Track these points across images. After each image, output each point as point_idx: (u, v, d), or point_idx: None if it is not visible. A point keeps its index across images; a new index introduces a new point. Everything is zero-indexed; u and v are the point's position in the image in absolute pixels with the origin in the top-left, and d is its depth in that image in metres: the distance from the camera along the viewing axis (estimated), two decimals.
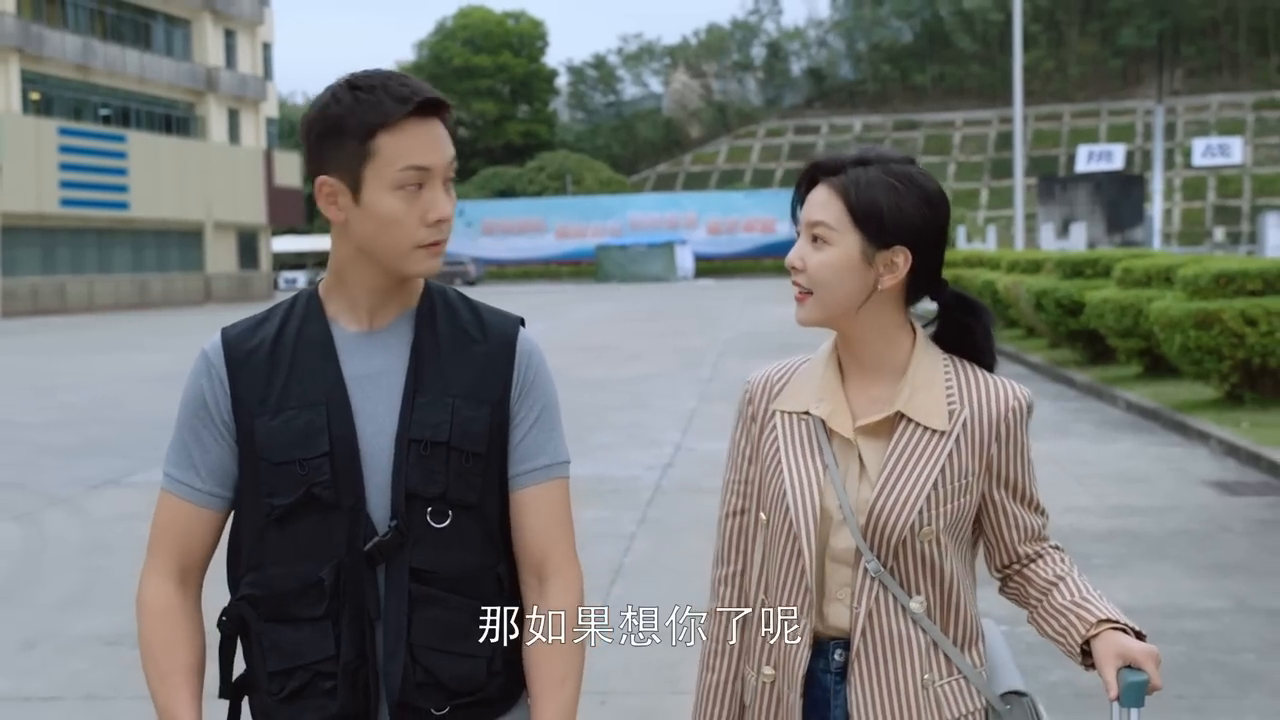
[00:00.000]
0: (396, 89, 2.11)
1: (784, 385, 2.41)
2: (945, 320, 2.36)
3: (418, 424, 2.15)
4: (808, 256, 2.29)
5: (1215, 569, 7.83)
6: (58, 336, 36.01)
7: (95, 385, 20.96)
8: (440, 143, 2.15)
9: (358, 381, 2.19)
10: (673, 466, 11.81)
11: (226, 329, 2.28)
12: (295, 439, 2.14)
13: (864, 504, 2.26)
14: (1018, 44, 41.89)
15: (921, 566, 2.26)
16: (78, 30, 56.66)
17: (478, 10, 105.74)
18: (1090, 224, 53.99)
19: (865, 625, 2.25)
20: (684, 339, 27.92)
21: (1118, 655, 2.18)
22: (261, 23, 68.88)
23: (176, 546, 2.24)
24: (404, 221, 2.12)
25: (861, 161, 2.28)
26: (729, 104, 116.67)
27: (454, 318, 2.27)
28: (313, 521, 2.14)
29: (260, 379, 2.19)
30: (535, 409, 2.27)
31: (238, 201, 63.54)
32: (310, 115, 2.16)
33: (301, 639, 2.14)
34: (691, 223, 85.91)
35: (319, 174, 2.15)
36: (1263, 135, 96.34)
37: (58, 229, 53.51)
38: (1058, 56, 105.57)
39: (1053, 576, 2.33)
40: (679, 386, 18.51)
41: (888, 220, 2.23)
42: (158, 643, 2.21)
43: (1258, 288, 13.52)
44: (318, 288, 2.28)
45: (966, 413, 2.28)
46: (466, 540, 2.18)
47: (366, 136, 2.09)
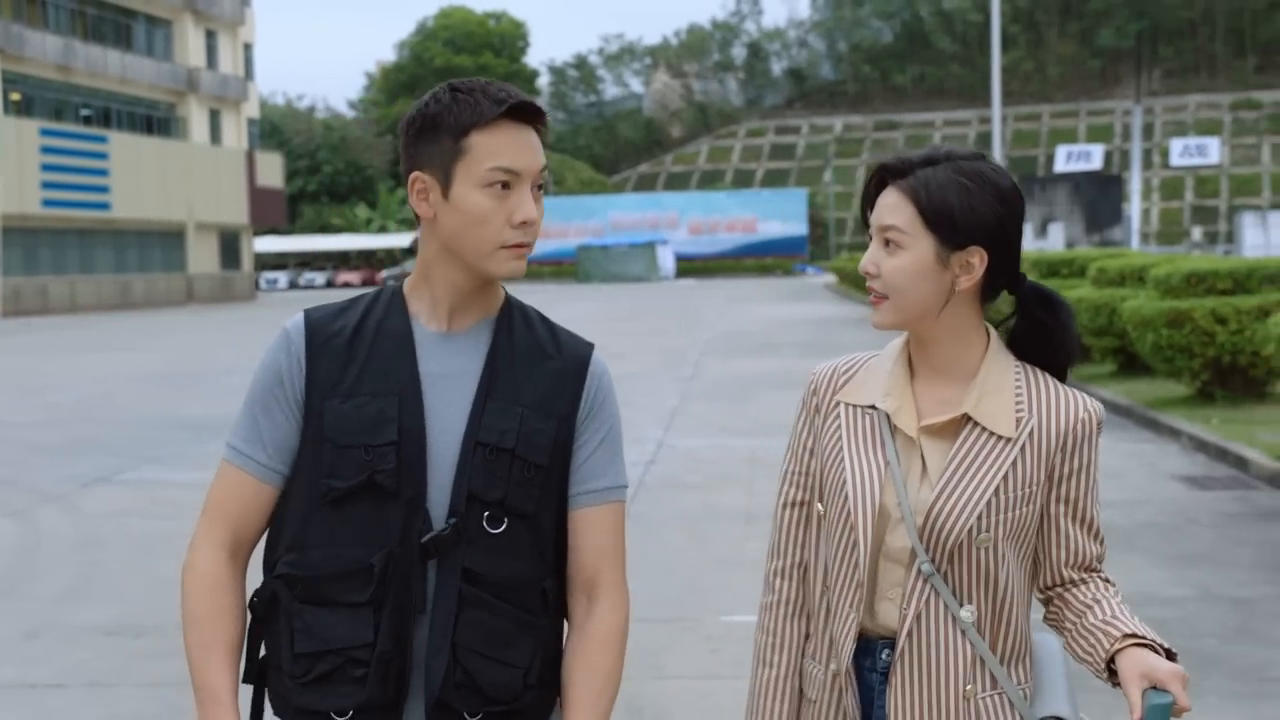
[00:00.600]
0: (494, 92, 2.18)
1: (850, 378, 2.39)
2: (1024, 317, 2.32)
3: (486, 428, 2.18)
4: (881, 261, 2.25)
5: (1181, 559, 8.08)
6: (41, 337, 36.08)
7: (82, 385, 21.09)
8: (532, 149, 2.19)
9: (432, 380, 2.22)
10: (655, 463, 12.03)
11: (311, 311, 2.31)
12: (365, 425, 2.17)
13: (923, 504, 2.24)
14: (995, 45, 42.22)
15: (975, 574, 2.24)
16: (59, 31, 56.63)
17: (459, 10, 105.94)
18: (1069, 224, 54.38)
19: (913, 627, 2.23)
20: (666, 338, 28.17)
21: (1143, 675, 2.10)
22: (243, 23, 68.90)
23: (233, 519, 2.25)
24: (490, 219, 2.16)
25: (930, 161, 2.25)
26: (710, 104, 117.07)
27: (531, 332, 2.30)
28: (369, 508, 2.16)
29: (337, 363, 2.23)
30: (601, 431, 2.30)
31: (220, 202, 63.59)
32: (410, 114, 2.23)
33: (337, 623, 2.14)
34: (673, 223, 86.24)
35: (413, 170, 2.20)
36: (1240, 135, 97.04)
37: (39, 229, 53.51)
38: (1037, 57, 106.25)
39: (1090, 600, 2.27)
40: (661, 385, 18.74)
41: (960, 221, 2.21)
42: (204, 612, 2.21)
43: (1228, 287, 13.83)
44: (403, 284, 2.32)
45: (1034, 421, 2.25)
46: (519, 549, 2.20)
47: (461, 134, 2.15)
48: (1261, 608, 7.00)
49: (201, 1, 64.66)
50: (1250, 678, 5.90)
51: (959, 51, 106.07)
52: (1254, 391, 13.83)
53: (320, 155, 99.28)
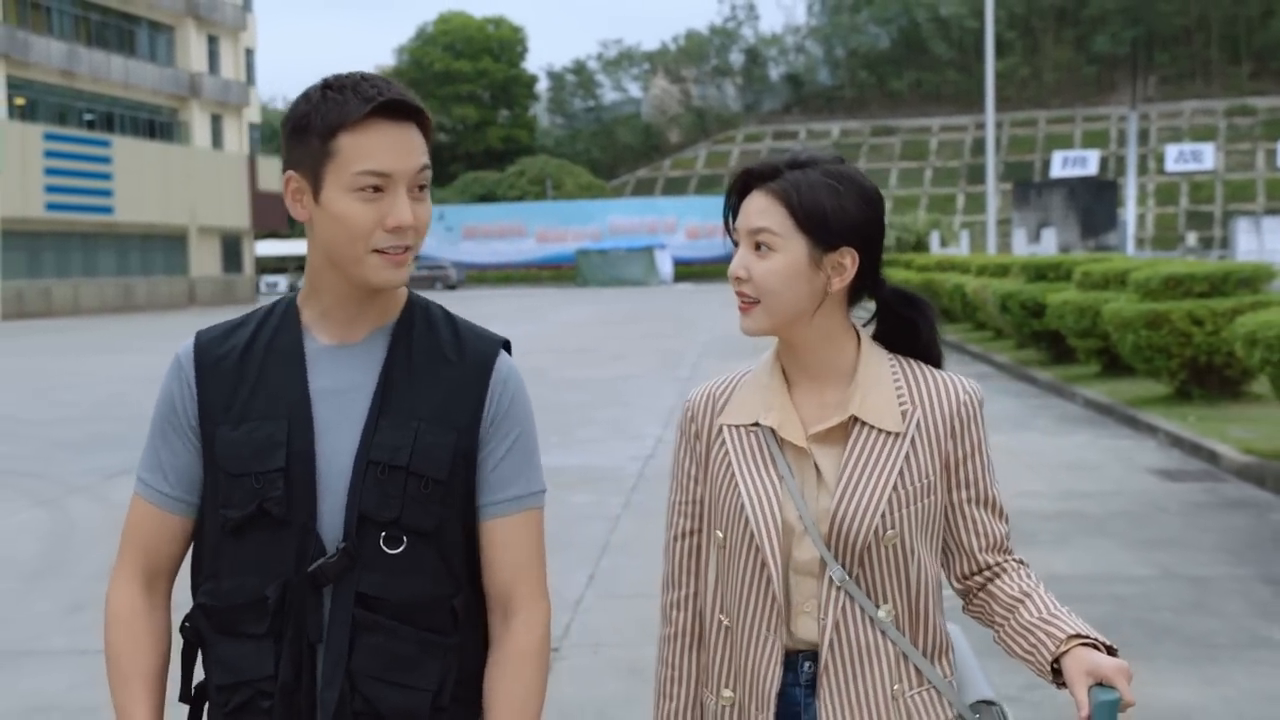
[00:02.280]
0: (365, 89, 2.06)
1: (728, 399, 2.36)
2: (888, 318, 2.33)
3: (378, 446, 2.09)
4: (752, 265, 2.23)
5: (1147, 543, 8.62)
6: (47, 339, 36.60)
7: (93, 385, 21.62)
8: (406, 148, 2.08)
9: (323, 396, 2.13)
10: (654, 457, 12.55)
11: (201, 332, 2.24)
12: (253, 452, 2.09)
13: (825, 513, 2.22)
14: (989, 51, 42.77)
15: (888, 573, 2.22)
16: (63, 36, 57.22)
17: (458, 16, 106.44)
18: (1064, 229, 54.83)
19: (833, 637, 2.21)
20: (663, 341, 28.68)
21: (1088, 672, 2.09)
22: (244, 29, 69.47)
23: (143, 550, 2.21)
24: (360, 224, 2.06)
25: (797, 164, 2.24)
26: (708, 109, 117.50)
27: (432, 336, 2.20)
28: (264, 537, 2.09)
29: (227, 386, 2.15)
30: (509, 438, 2.20)
31: (221, 206, 64.17)
32: (287, 113, 2.14)
33: (245, 654, 2.10)
34: (671, 227, 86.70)
35: (286, 169, 2.12)
36: (1234, 141, 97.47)
37: (43, 233, 54.03)
38: (1033, 63, 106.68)
39: (1018, 593, 2.26)
40: (659, 385, 19.25)
41: (833, 221, 2.20)
42: (120, 647, 2.19)
43: (1204, 290, 14.39)
44: (297, 296, 2.23)
45: (919, 412, 2.25)
46: (421, 568, 2.11)
47: (328, 135, 2.05)
48: (1215, 585, 7.54)
49: (203, 7, 65.26)
50: (1198, 644, 6.44)
51: (955, 57, 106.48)
52: (1229, 390, 14.37)
53: None
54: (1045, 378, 18.32)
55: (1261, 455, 10.90)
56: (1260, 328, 10.67)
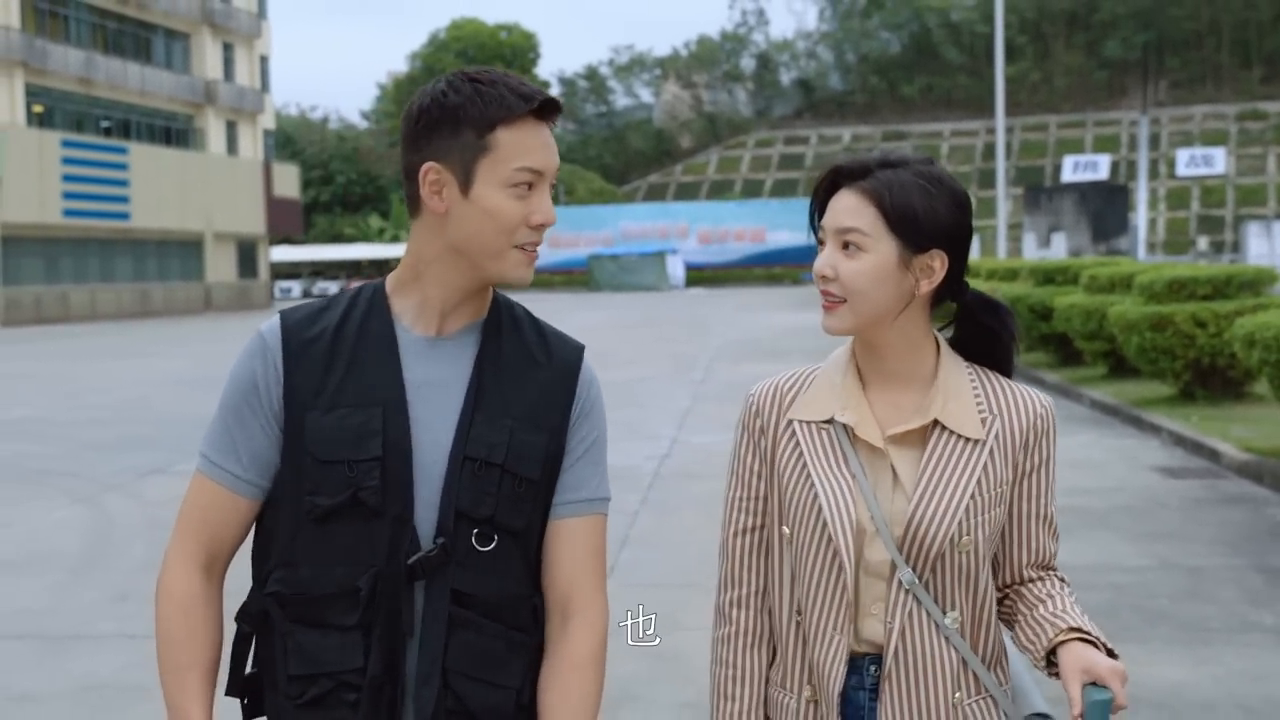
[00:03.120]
0: (517, 86, 2.08)
1: (797, 394, 2.33)
2: (968, 324, 2.31)
3: (475, 442, 2.09)
4: (839, 264, 2.21)
5: (1147, 536, 8.95)
6: (67, 344, 37.03)
7: (118, 389, 22.01)
8: (552, 148, 2.12)
9: (418, 388, 2.11)
10: (670, 457, 12.90)
11: (286, 313, 2.19)
12: (347, 438, 2.06)
13: (900, 515, 2.20)
14: (999, 57, 43.06)
15: (958, 580, 2.21)
16: (80, 44, 57.73)
17: (470, 22, 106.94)
18: (1075, 233, 55.05)
19: (899, 641, 2.19)
20: (676, 345, 29.02)
21: (1083, 670, 2.09)
22: (259, 36, 69.94)
23: (208, 533, 2.16)
24: (511, 219, 2.07)
25: (888, 164, 2.21)
26: (719, 115, 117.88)
27: (520, 336, 2.21)
28: (354, 526, 2.06)
29: (317, 370, 2.11)
30: (587, 440, 2.22)
31: (237, 212, 64.65)
32: (421, 103, 2.10)
33: (329, 646, 2.07)
34: (683, 232, 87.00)
35: (424, 161, 2.09)
36: (1246, 146, 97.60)
37: (60, 239, 54.52)
38: (1044, 68, 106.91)
39: (1044, 594, 2.27)
40: (673, 388, 19.58)
41: (924, 223, 2.17)
42: (178, 633, 2.13)
43: (1207, 293, 14.72)
44: (384, 282, 2.20)
45: (998, 422, 2.23)
46: (508, 567, 2.12)
47: (486, 129, 2.05)
48: (1210, 575, 7.87)
49: (219, 15, 65.76)
50: (1192, 629, 6.78)
51: (966, 62, 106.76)
52: (1232, 391, 14.69)
53: (333, 165, 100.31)
54: (1053, 379, 18.64)
55: (1261, 453, 11.22)
56: (1259, 329, 10.99)
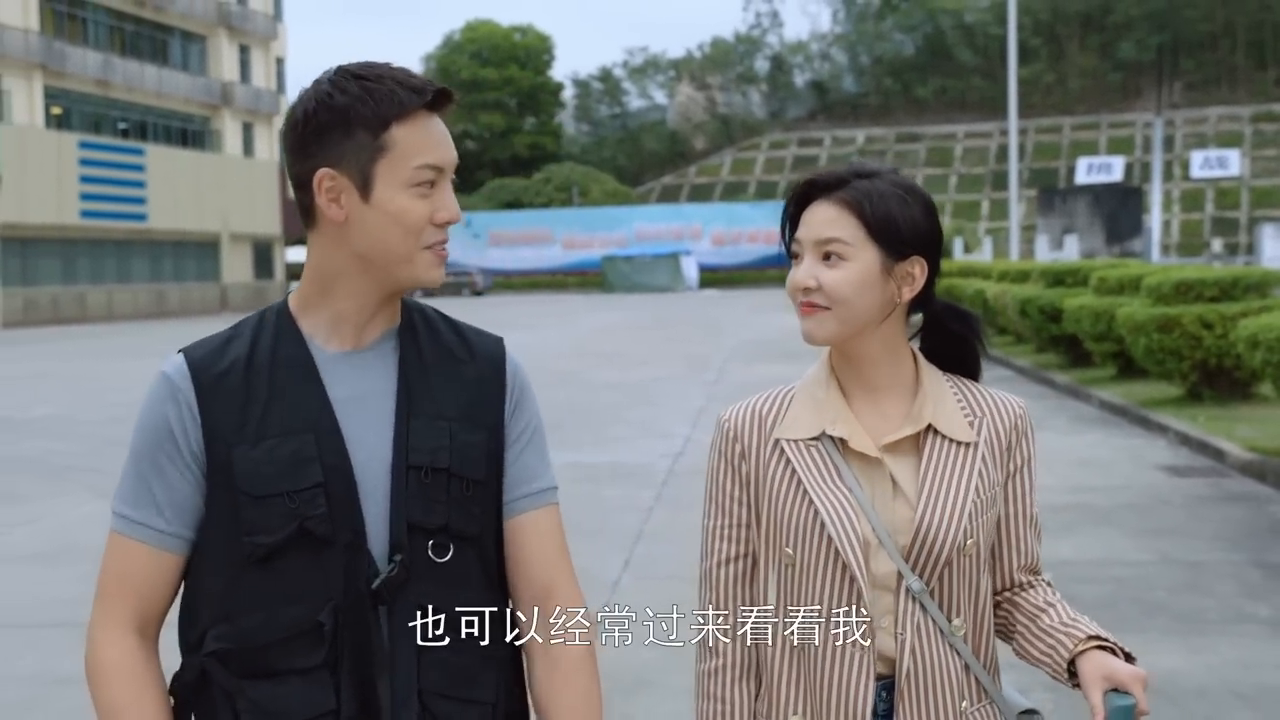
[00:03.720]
0: (406, 79, 1.97)
1: (780, 414, 2.30)
2: (936, 333, 2.33)
3: (415, 449, 1.99)
4: (821, 275, 2.21)
5: (1150, 532, 9.16)
6: (84, 344, 37.38)
7: (138, 387, 22.02)
8: (449, 141, 2.02)
9: (344, 405, 2.00)
10: (684, 455, 13.12)
11: (189, 349, 2.06)
12: (282, 469, 1.94)
13: (903, 523, 2.18)
14: (1012, 59, 43.24)
15: (962, 585, 2.21)
16: (98, 46, 58.16)
17: (485, 24, 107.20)
18: (1089, 235, 55.20)
19: (910, 652, 2.18)
20: (690, 346, 29.23)
21: (1104, 677, 2.08)
22: (275, 38, 70.33)
23: (136, 596, 1.99)
24: (417, 221, 1.97)
25: (862, 174, 2.22)
26: (733, 116, 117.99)
27: (436, 337, 2.12)
28: (303, 560, 1.94)
29: (235, 404, 1.98)
30: (527, 431, 2.14)
31: (253, 213, 65.04)
32: (306, 106, 1.97)
33: (289, 694, 1.93)
34: (696, 234, 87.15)
35: (317, 169, 1.96)
36: (1260, 147, 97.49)
37: (78, 240, 54.92)
38: (1058, 70, 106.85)
39: (1042, 603, 2.26)
40: (687, 388, 19.81)
41: (905, 231, 2.18)
42: (123, 702, 1.96)
43: (1214, 295, 14.92)
44: (286, 303, 2.10)
45: (984, 425, 2.25)
46: (468, 576, 2.03)
47: (380, 128, 1.93)
48: (1209, 569, 8.09)
49: (235, 17, 66.15)
50: (1188, 619, 7.00)
51: (980, 64, 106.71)
52: (1239, 392, 14.88)
53: None
54: (1063, 380, 18.84)
55: (1264, 453, 11.41)
56: (1262, 330, 11.19)
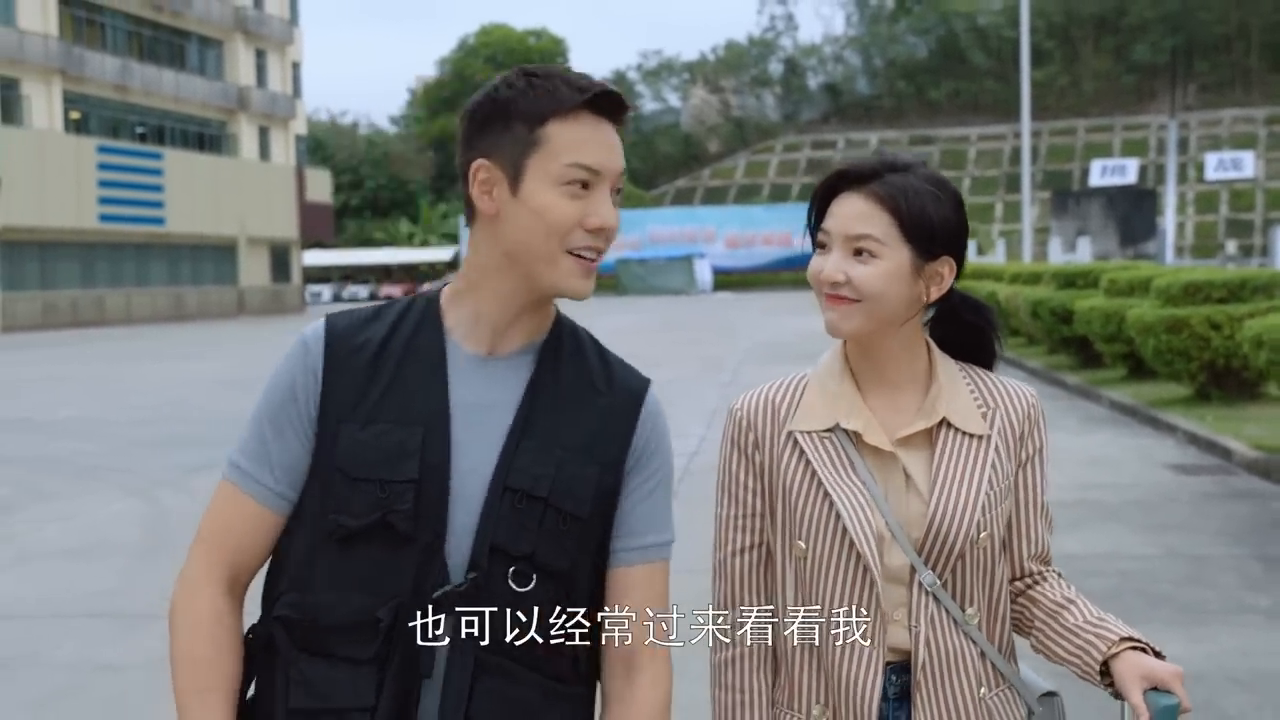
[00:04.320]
0: (575, 79, 1.95)
1: (793, 405, 2.27)
2: (952, 322, 2.30)
3: (518, 471, 1.93)
4: (850, 270, 2.15)
5: (1156, 528, 9.36)
6: (104, 347, 37.74)
7: (159, 390, 22.59)
8: (614, 147, 1.97)
9: (463, 410, 1.97)
10: (699, 454, 13.33)
11: (333, 318, 2.06)
12: (382, 456, 1.92)
13: (916, 517, 2.17)
14: (1025, 61, 43.40)
15: (976, 576, 2.20)
16: (116, 51, 58.64)
17: (500, 28, 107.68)
18: (1103, 237, 55.24)
19: (925, 644, 2.17)
20: (704, 348, 29.46)
21: (1143, 677, 2.07)
22: (291, 42, 70.77)
23: (234, 548, 2.01)
24: (562, 220, 1.92)
25: (894, 167, 2.16)
26: (747, 119, 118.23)
27: (581, 361, 2.06)
28: (379, 551, 1.91)
29: (358, 381, 1.97)
30: (653, 479, 2.08)
31: (270, 217, 65.46)
32: (476, 99, 1.99)
33: (338, 679, 1.90)
34: (710, 237, 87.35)
35: (476, 159, 1.96)
36: (1275, 149, 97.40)
37: (97, 244, 55.39)
38: (1072, 72, 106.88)
39: (1061, 599, 2.25)
40: (701, 389, 20.04)
41: (938, 231, 2.15)
42: (202, 653, 1.96)
43: (1222, 296, 15.12)
44: (440, 292, 2.07)
45: (997, 415, 2.24)
46: (547, 611, 1.96)
47: (536, 123, 1.92)
48: (1212, 563, 8.29)
49: (252, 22, 66.60)
50: (1191, 610, 7.21)
51: (994, 67, 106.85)
52: (1246, 392, 15.07)
53: (363, 170, 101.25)
54: (1074, 381, 19.02)
55: (1270, 451, 11.60)
56: (1267, 330, 11.39)
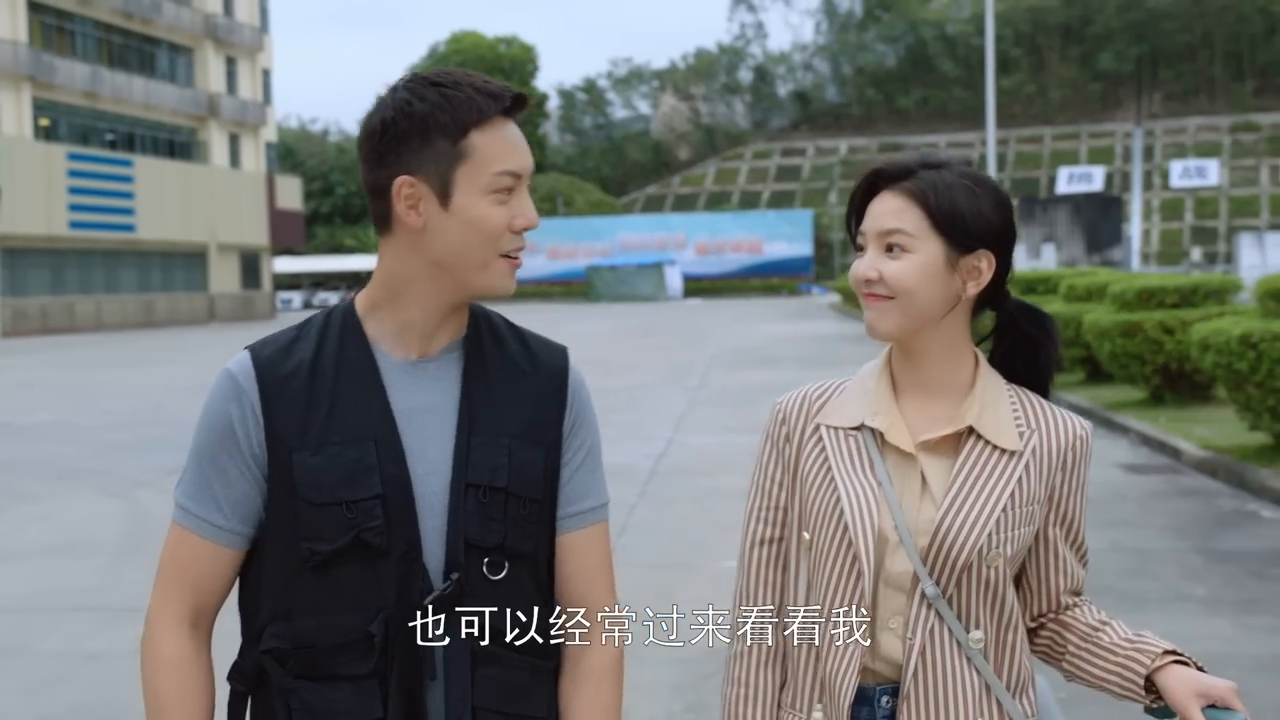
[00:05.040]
0: (483, 85, 1.97)
1: (827, 401, 2.26)
2: (1009, 334, 2.25)
3: (475, 467, 1.99)
4: (884, 266, 2.12)
5: (1104, 524, 9.71)
6: (75, 353, 37.82)
7: (132, 395, 22.78)
8: (526, 147, 2.02)
9: (406, 416, 2.00)
10: (666, 456, 13.67)
11: (256, 349, 2.07)
12: (341, 478, 1.95)
13: (927, 524, 2.12)
14: (990, 69, 43.91)
15: (983, 597, 2.13)
16: (86, 58, 58.66)
17: (470, 35, 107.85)
18: (1070, 244, 55.73)
19: (919, 661, 2.10)
20: (674, 353, 29.80)
21: (1199, 694, 2.02)
22: (261, 50, 70.84)
23: (192, 587, 2.04)
24: (496, 227, 1.96)
25: (930, 165, 2.16)
26: (717, 127, 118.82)
27: (502, 346, 2.11)
28: (358, 569, 1.95)
29: (299, 408, 1.99)
30: (584, 447, 2.14)
31: (241, 224, 65.55)
32: (384, 114, 1.96)
33: (341, 698, 1.95)
34: (680, 243, 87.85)
35: (396, 176, 1.95)
36: (1239, 158, 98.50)
37: (66, 250, 55.38)
38: (1039, 80, 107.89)
39: (1096, 622, 2.20)
40: (670, 393, 20.38)
41: (971, 223, 2.11)
42: (169, 693, 2.02)
43: (1175, 301, 15.56)
44: (353, 305, 2.09)
45: (1036, 438, 2.16)
46: (522, 593, 2.04)
47: (459, 135, 1.93)
48: (1156, 556, 8.66)
49: (222, 29, 66.69)
50: (1132, 599, 7.57)
51: (962, 75, 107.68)
52: (1199, 394, 15.50)
53: (333, 177, 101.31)
54: None
55: (1218, 450, 12.01)
56: (1212, 334, 11.77)
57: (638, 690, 6.09)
